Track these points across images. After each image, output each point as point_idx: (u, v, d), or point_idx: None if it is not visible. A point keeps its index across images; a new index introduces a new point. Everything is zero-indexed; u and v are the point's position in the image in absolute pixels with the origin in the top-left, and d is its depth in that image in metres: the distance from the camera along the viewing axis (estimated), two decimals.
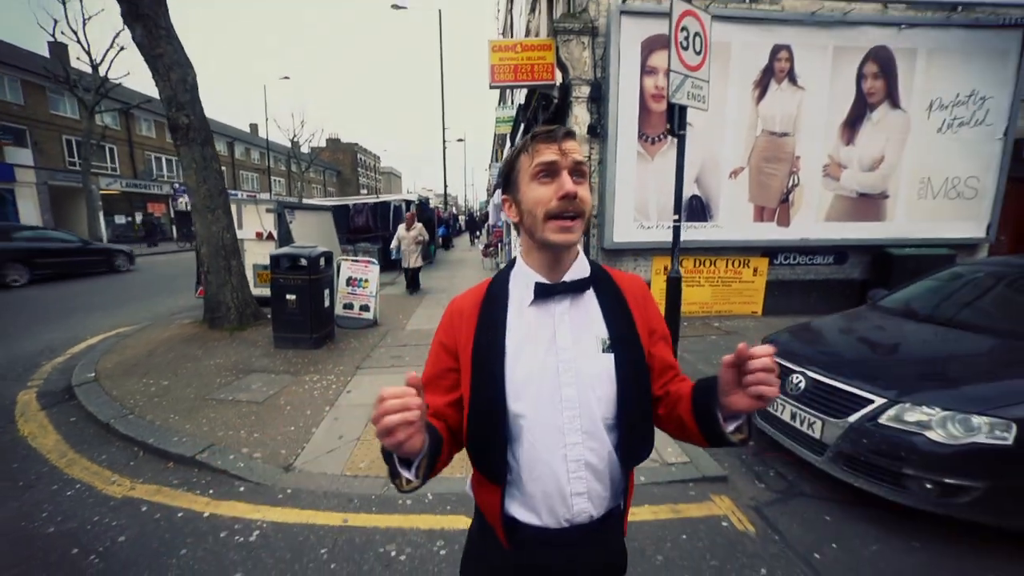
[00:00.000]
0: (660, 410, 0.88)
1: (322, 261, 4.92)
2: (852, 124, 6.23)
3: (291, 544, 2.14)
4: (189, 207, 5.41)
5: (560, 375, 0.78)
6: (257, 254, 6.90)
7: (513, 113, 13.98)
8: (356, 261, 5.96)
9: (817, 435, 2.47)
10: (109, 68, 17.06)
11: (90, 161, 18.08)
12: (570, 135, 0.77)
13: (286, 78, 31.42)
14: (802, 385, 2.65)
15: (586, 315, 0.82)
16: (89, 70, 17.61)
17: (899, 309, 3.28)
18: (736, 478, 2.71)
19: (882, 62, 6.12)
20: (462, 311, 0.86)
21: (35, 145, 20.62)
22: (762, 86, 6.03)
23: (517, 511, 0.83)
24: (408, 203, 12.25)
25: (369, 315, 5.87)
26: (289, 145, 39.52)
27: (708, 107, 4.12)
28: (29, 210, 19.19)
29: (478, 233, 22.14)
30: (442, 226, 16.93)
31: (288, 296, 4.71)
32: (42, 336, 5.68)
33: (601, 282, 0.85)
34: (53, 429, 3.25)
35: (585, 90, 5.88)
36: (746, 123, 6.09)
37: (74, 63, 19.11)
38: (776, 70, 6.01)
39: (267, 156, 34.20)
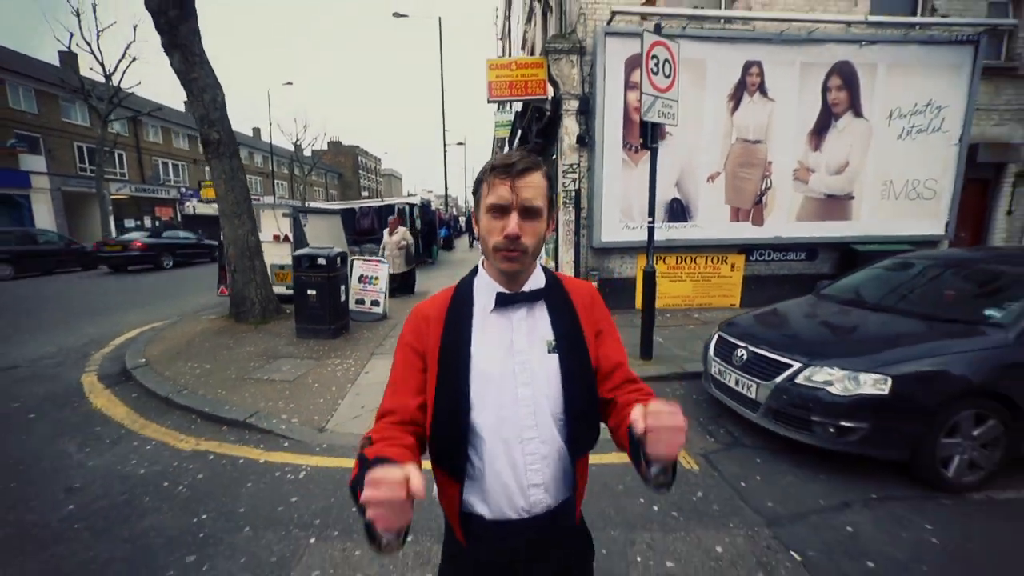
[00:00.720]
0: (610, 422, 0.92)
1: (338, 260, 5.51)
2: (819, 132, 6.82)
3: (331, 480, 2.73)
4: (218, 212, 6.00)
5: (517, 376, 0.85)
6: (274, 255, 7.49)
7: (511, 118, 14.57)
8: (367, 260, 6.56)
9: (753, 396, 3.06)
10: (122, 78, 17.70)
11: (103, 167, 18.68)
12: (527, 170, 0.80)
13: (289, 83, 32.07)
14: (744, 357, 3.23)
15: (537, 321, 0.90)
16: (102, 79, 18.25)
17: (835, 296, 3.87)
18: (692, 435, 3.29)
19: (845, 76, 6.70)
20: (428, 317, 0.90)
21: (48, 152, 21.25)
22: (736, 98, 6.62)
23: (478, 506, 0.88)
24: (412, 206, 12.85)
25: (379, 309, 6.47)
26: (292, 149, 40.25)
27: (677, 123, 4.72)
28: (44, 215, 19.84)
29: (476, 237, 22.53)
30: (444, 228, 17.51)
31: (309, 292, 5.31)
32: (83, 330, 6.28)
33: (553, 291, 0.92)
34: (120, 402, 3.85)
35: (574, 104, 6.47)
36: (722, 132, 6.68)
37: (86, 72, 19.70)
38: (748, 84, 6.60)
39: (271, 160, 34.79)
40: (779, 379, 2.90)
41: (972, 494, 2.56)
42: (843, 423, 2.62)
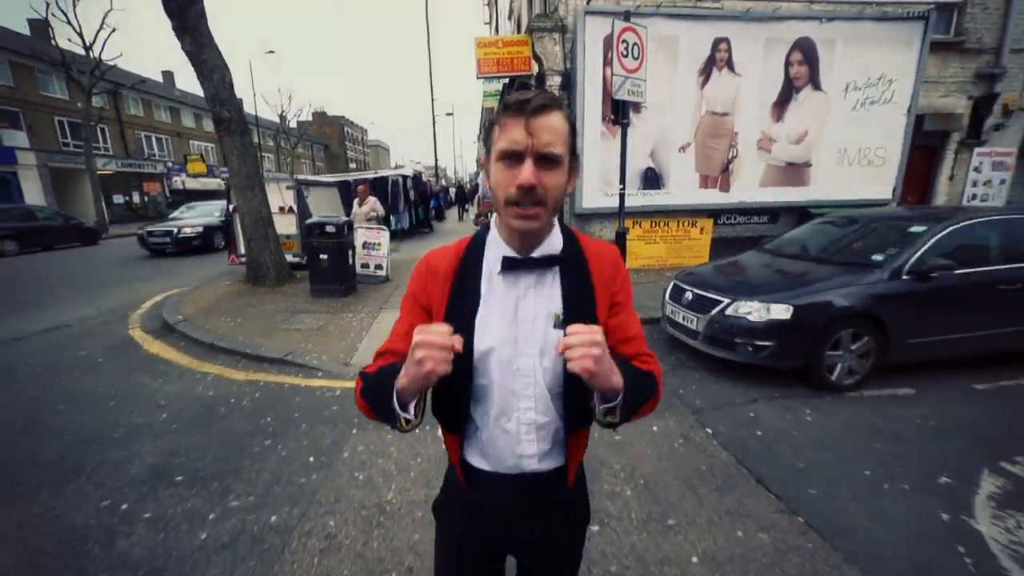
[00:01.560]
0: None
1: (346, 228, 6.13)
2: (781, 104, 7.44)
3: None
4: (231, 186, 6.53)
5: (518, 345, 0.82)
6: (280, 225, 8.05)
7: (499, 88, 14.84)
8: (370, 228, 7.17)
9: (694, 327, 3.84)
10: (102, 49, 17.40)
11: (91, 142, 18.60)
12: (544, 108, 0.71)
13: (271, 52, 31.25)
14: (690, 297, 4.00)
15: (548, 291, 0.84)
16: (81, 51, 17.90)
17: (771, 250, 4.63)
18: None
19: (806, 51, 7.27)
20: (437, 272, 0.87)
21: (29, 127, 20.92)
22: (706, 73, 7.17)
23: (474, 459, 0.91)
24: (405, 178, 13.29)
25: (383, 272, 7.14)
26: (277, 120, 39.50)
27: (645, 100, 5.33)
28: (33, 192, 19.78)
29: (467, 207, 21.60)
30: (433, 199, 17.93)
31: (321, 256, 5.95)
32: (113, 296, 6.89)
33: (569, 257, 0.85)
34: (172, 348, 4.54)
35: (557, 79, 6.99)
36: (692, 105, 7.26)
37: (64, 44, 19.22)
38: (717, 59, 7.14)
39: (257, 133, 34.18)
40: (713, 312, 3.69)
41: (848, 393, 3.41)
42: (758, 342, 3.42)
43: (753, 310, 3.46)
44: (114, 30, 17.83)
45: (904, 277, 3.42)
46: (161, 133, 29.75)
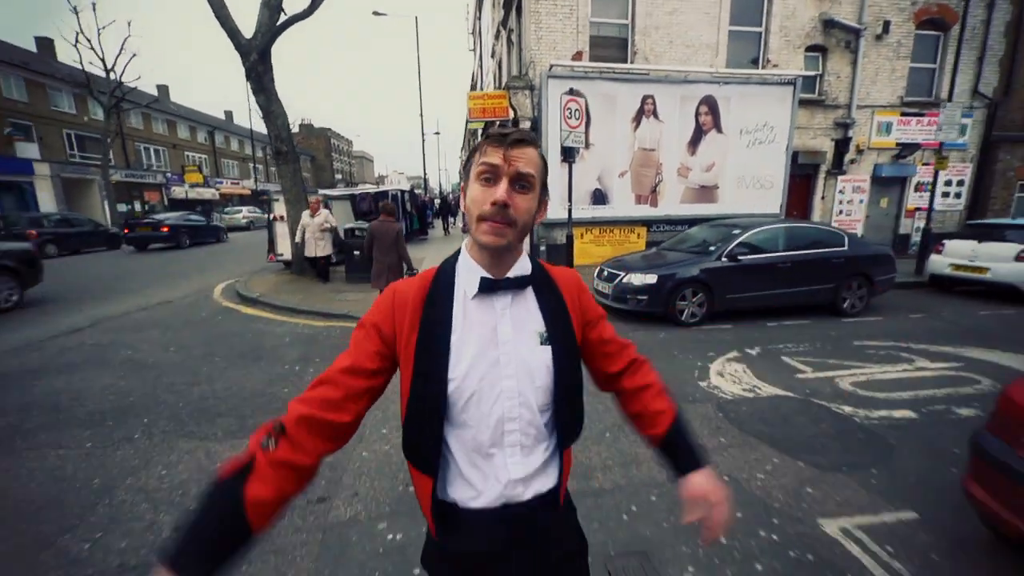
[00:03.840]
0: (628, 407, 0.99)
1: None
2: (694, 143, 10.03)
3: None
4: (285, 200, 8.66)
5: (501, 367, 0.82)
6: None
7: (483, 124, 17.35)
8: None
9: (607, 291, 6.21)
10: (123, 72, 19.18)
11: (107, 156, 20.21)
12: (522, 142, 0.77)
13: None
14: (606, 273, 6.38)
15: (526, 311, 0.86)
16: (103, 74, 19.63)
17: (665, 247, 7.08)
18: None
19: (710, 105, 9.89)
20: (405, 300, 0.84)
21: (40, 140, 22.34)
22: (637, 120, 9.71)
23: (456, 494, 0.84)
24: (403, 191, 15.53)
25: None
26: (265, 132, 41.19)
27: (586, 146, 7.77)
28: (46, 200, 21.18)
29: (452, 219, 21.60)
30: (427, 210, 20.20)
31: (355, 251, 8.15)
32: (185, 285, 8.90)
33: (540, 279, 0.89)
34: (263, 312, 6.66)
35: (527, 124, 9.41)
36: (628, 143, 9.78)
37: (83, 66, 20.83)
38: (645, 110, 9.70)
39: (252, 145, 35.96)
40: (615, 281, 6.07)
41: (691, 328, 5.81)
42: (639, 297, 5.80)
43: (636, 279, 5.87)
44: (134, 55, 19.51)
45: (724, 259, 5.88)
46: (158, 144, 31.17)
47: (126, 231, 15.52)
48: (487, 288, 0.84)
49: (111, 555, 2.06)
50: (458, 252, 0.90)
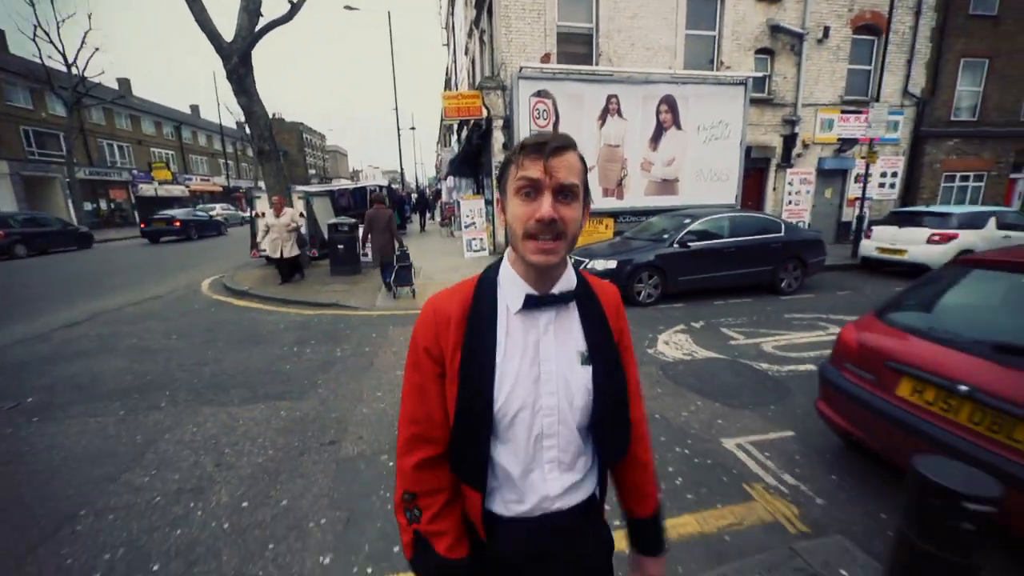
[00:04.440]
0: (619, 479, 0.99)
1: (355, 226, 8.79)
2: (655, 139, 10.78)
3: (388, 318, 6.25)
4: (268, 198, 8.98)
5: (542, 384, 0.81)
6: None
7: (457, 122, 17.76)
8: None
9: None
10: (86, 67, 18.70)
11: (72, 153, 19.69)
12: (563, 148, 0.74)
13: None
14: (572, 260, 7.06)
15: (568, 327, 0.85)
16: (63, 68, 19.05)
17: (628, 236, 7.80)
18: None
19: (670, 103, 10.65)
20: (448, 318, 0.83)
21: None
22: (602, 118, 10.38)
23: (498, 508, 0.86)
24: (381, 187, 15.84)
25: None
26: (235, 127, 40.29)
27: None
28: (6, 199, 20.47)
29: (430, 215, 21.81)
30: (405, 205, 20.51)
31: (339, 245, 8.58)
32: (173, 280, 9.14)
33: (583, 294, 0.87)
34: (254, 303, 7.06)
35: (500, 122, 9.96)
36: (595, 140, 10.44)
37: (46, 61, 20.16)
38: (610, 109, 10.37)
39: (222, 141, 35.19)
40: (580, 267, 6.73)
41: (648, 307, 6.54)
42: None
43: (599, 264, 6.56)
44: (96, 49, 19.03)
45: (675, 246, 6.62)
46: (122, 141, 30.21)
47: (143, 225, 18.07)
48: (531, 304, 0.82)
49: (168, 483, 2.59)
50: (499, 263, 0.87)
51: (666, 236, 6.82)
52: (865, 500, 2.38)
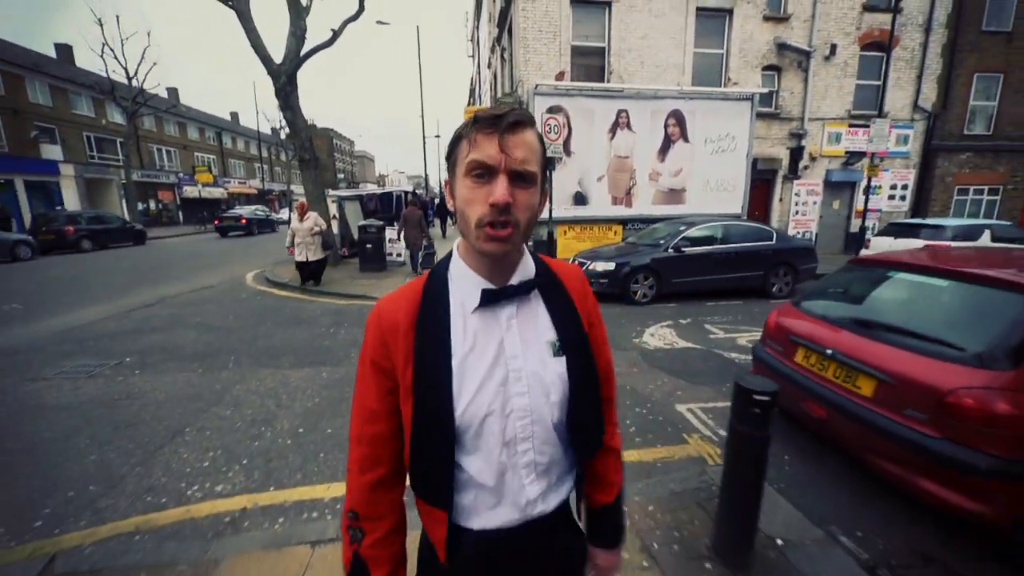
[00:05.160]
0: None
1: (382, 228, 9.73)
2: (663, 151, 11.40)
3: None
4: (307, 199, 10.02)
5: (510, 385, 0.74)
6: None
7: None
8: (393, 228, 10.77)
9: None
10: (144, 79, 20.58)
11: (130, 158, 21.58)
12: (519, 124, 0.67)
13: None
14: (576, 262, 7.77)
15: (534, 319, 0.79)
16: (125, 81, 20.99)
17: (632, 241, 8.46)
18: None
19: (678, 117, 11.26)
20: (396, 325, 0.75)
21: (63, 142, 23.71)
22: (612, 131, 11.08)
23: (471, 523, 0.78)
24: (407, 192, 16.90)
25: (401, 259, 10.73)
26: (270, 134, 42.57)
27: (563, 157, 9.13)
28: (71, 199, 22.57)
29: (452, 220, 22.72)
30: (428, 209, 21.59)
31: (368, 245, 9.54)
32: (220, 273, 10.29)
33: (546, 281, 0.81)
34: (293, 293, 8.04)
35: None
36: (605, 151, 11.14)
37: (104, 73, 22.21)
38: (620, 123, 11.06)
39: (259, 146, 37.33)
40: (583, 268, 7.45)
41: (643, 306, 7.18)
42: (601, 280, 7.18)
43: (599, 266, 7.25)
44: (155, 64, 20.92)
45: (670, 250, 7.26)
46: (170, 146, 32.51)
47: (216, 222, 21.86)
48: (489, 300, 0.75)
49: (245, 416, 3.45)
50: (448, 256, 0.81)
51: (662, 241, 7.46)
52: (775, 443, 3.03)
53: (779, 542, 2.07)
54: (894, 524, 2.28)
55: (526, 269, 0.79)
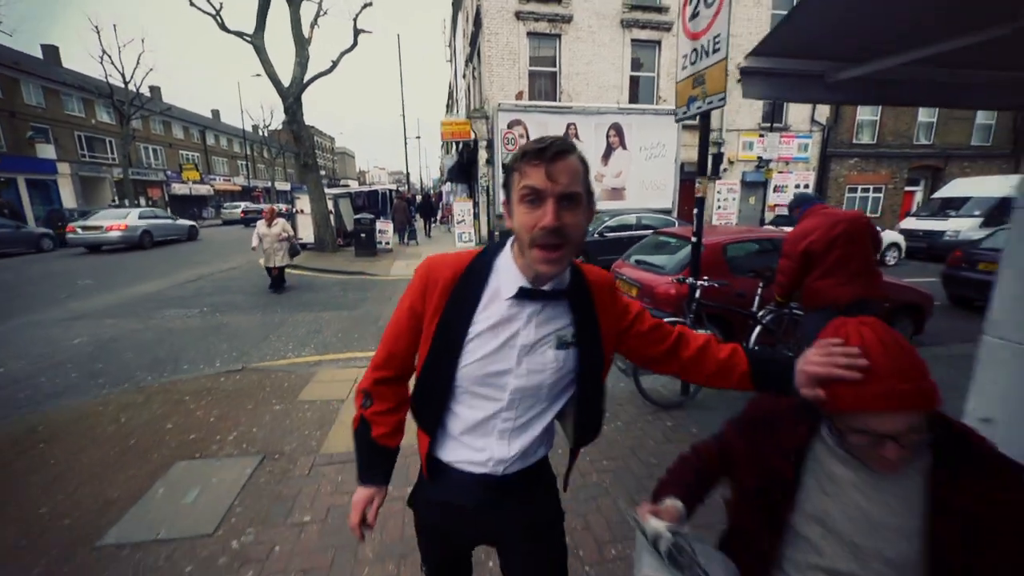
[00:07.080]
0: (675, 360, 0.98)
1: (374, 220, 11.86)
2: (606, 157, 13.79)
3: (400, 280, 9.29)
4: (309, 198, 12.03)
5: (509, 363, 0.86)
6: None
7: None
8: (382, 221, 12.89)
9: None
10: (140, 84, 21.92)
11: (128, 157, 22.91)
12: (563, 153, 0.76)
13: (258, 75, 35.50)
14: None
15: (554, 319, 0.88)
16: (121, 84, 22.29)
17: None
18: None
19: (618, 129, 13.66)
20: (437, 282, 0.89)
21: (56, 141, 24.78)
22: None
23: (446, 456, 0.94)
24: (391, 190, 18.93)
25: (389, 246, 12.87)
26: (252, 131, 43.61)
27: None
28: (67, 196, 23.72)
29: (434, 219, 22.19)
30: (411, 207, 23.57)
31: (362, 234, 11.66)
32: (233, 260, 12.23)
33: (575, 286, 0.90)
34: (302, 271, 10.13)
35: (484, 143, 13.02)
36: None
37: (94, 75, 23.43)
38: (570, 134, 13.38)
39: (243, 144, 38.43)
40: None
41: None
42: None
43: None
44: (151, 70, 22.27)
45: (596, 235, 9.63)
46: (156, 144, 33.49)
47: (242, 214, 26.73)
48: (523, 296, 0.85)
49: (298, 334, 5.63)
50: (501, 245, 0.91)
51: (592, 230, 9.83)
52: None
53: None
54: None
55: (562, 278, 0.88)
